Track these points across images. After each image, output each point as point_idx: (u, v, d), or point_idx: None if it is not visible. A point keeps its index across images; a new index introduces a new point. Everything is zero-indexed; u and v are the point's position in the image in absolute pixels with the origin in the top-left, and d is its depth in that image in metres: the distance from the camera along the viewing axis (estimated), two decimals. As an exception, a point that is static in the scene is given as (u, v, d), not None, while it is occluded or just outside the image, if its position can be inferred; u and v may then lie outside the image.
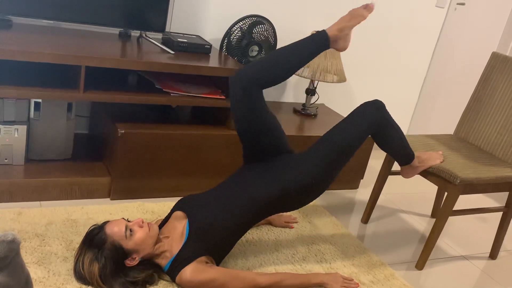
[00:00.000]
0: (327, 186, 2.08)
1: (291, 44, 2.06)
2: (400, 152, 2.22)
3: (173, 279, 1.86)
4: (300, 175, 2.00)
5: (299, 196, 2.04)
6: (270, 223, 2.45)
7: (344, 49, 2.12)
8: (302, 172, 2.00)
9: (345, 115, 2.82)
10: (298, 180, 1.99)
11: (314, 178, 2.00)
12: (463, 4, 3.77)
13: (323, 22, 3.25)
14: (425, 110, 4.03)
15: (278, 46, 3.12)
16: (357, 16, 2.06)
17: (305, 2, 3.15)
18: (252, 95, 1.96)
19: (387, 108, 2.11)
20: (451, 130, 3.29)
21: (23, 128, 2.27)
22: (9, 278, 1.07)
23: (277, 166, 2.05)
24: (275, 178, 2.00)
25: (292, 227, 2.48)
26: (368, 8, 2.08)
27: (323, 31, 2.06)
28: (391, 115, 2.14)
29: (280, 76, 2.02)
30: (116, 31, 2.63)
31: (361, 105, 2.11)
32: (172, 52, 2.49)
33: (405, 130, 3.99)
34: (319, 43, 2.06)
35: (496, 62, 2.63)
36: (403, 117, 3.93)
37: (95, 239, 1.76)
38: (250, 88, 1.95)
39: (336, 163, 2.05)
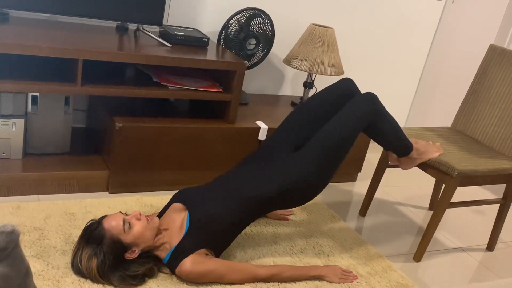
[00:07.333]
0: (325, 184, 2.08)
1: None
2: (397, 143, 2.22)
3: (172, 271, 1.86)
4: (297, 174, 2.00)
5: (297, 195, 2.04)
6: (266, 216, 2.46)
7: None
8: (299, 172, 2.00)
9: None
10: (295, 180, 1.99)
11: (310, 176, 2.01)
12: (460, -4, 3.76)
13: (320, 15, 3.24)
14: (423, 103, 4.03)
15: (276, 39, 3.11)
16: (429, 153, 2.30)
17: (303, -5, 3.15)
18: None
19: (384, 100, 2.11)
20: (448, 123, 3.30)
21: (20, 122, 2.27)
22: (8, 269, 1.07)
23: (277, 164, 2.05)
24: (274, 177, 2.00)
25: (288, 220, 2.48)
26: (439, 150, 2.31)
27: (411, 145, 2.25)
28: (387, 108, 2.13)
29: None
30: (113, 24, 2.63)
31: (353, 99, 2.11)
32: (170, 45, 2.49)
33: (402, 122, 4.00)
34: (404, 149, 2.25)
35: (494, 54, 2.63)
36: (401, 110, 3.93)
37: (93, 234, 1.75)
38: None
39: (332, 160, 2.05)
